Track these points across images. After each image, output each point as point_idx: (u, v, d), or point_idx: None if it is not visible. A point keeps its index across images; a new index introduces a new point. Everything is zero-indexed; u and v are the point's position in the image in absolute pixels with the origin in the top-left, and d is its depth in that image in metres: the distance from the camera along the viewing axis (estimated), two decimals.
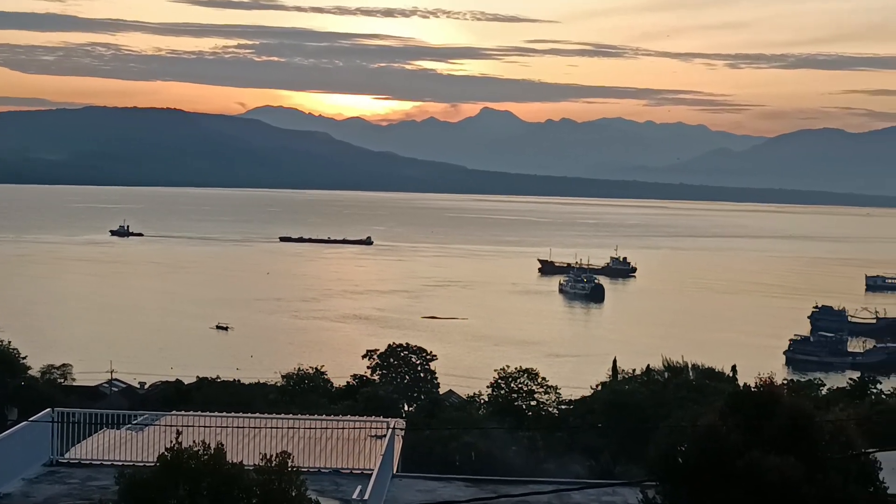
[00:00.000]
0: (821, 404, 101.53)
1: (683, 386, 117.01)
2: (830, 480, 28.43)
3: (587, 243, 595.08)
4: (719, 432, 29.48)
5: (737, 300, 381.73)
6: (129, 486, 30.66)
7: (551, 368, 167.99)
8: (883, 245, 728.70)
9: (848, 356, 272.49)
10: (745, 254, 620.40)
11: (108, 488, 36.92)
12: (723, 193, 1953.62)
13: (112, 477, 33.09)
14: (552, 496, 44.04)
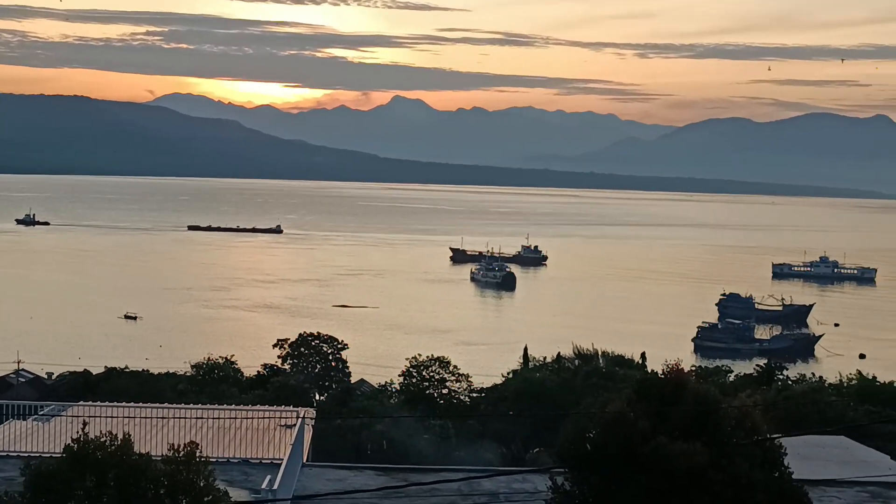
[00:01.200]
0: (728, 390, 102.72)
1: (593, 373, 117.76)
2: (736, 466, 28.77)
3: (499, 232, 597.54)
4: (627, 419, 29.72)
5: (647, 288, 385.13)
6: (35, 478, 30.26)
7: (463, 356, 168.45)
8: (789, 233, 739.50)
9: (755, 343, 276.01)
10: (655, 242, 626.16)
11: (13, 480, 36.40)
12: (632, 182, 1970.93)
13: (18, 468, 32.65)
14: (462, 484, 44.18)
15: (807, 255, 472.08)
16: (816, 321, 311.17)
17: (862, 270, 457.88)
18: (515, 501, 42.50)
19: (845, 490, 49.26)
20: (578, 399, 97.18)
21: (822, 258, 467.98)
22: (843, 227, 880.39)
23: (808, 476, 40.68)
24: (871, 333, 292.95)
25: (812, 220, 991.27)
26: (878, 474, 50.59)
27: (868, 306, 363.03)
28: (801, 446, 54.13)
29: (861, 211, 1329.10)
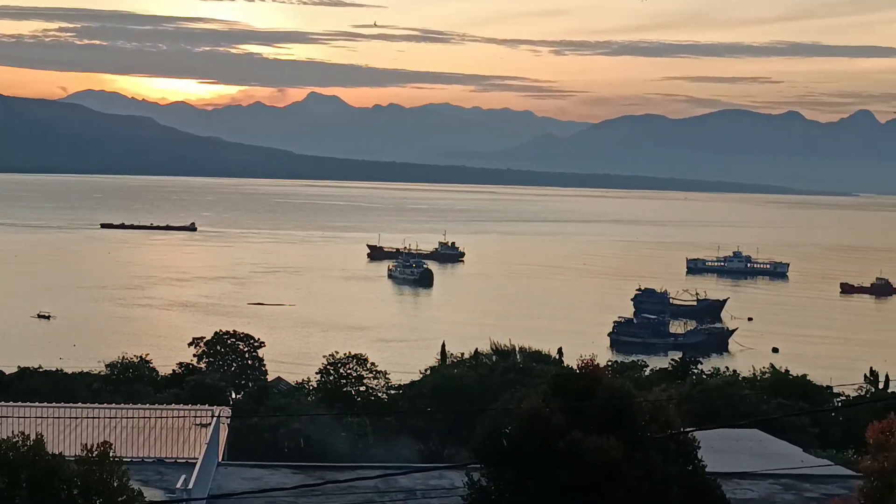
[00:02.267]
0: (643, 385, 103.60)
1: (511, 369, 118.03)
2: (650, 460, 29.01)
3: (416, 229, 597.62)
4: (542, 414, 29.83)
5: (564, 283, 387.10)
6: None
7: (380, 353, 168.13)
8: (703, 228, 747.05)
9: (670, 337, 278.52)
10: (573, 238, 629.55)
11: None
12: (549, 178, 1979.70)
13: None
14: (379, 481, 44.15)
15: (720, 250, 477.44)
16: (730, 315, 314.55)
17: (774, 265, 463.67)
18: (432, 498, 42.54)
19: (758, 482, 49.86)
20: (496, 395, 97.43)
21: (735, 253, 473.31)
22: (756, 222, 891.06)
23: (721, 469, 41.11)
24: (784, 327, 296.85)
25: (725, 216, 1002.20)
26: (791, 466, 51.29)
27: (781, 301, 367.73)
28: (715, 440, 54.73)
29: (773, 206, 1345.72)
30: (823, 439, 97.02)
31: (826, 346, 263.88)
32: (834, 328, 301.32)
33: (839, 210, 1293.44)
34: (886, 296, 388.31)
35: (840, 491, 41.65)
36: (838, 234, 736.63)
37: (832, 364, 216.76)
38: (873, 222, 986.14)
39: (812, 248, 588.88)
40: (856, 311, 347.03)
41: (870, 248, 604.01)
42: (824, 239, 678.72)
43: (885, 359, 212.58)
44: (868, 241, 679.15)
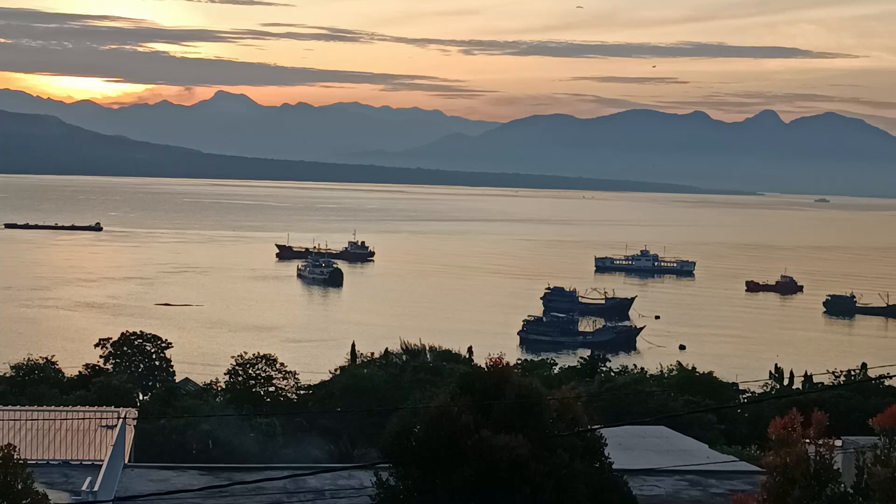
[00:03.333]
0: (552, 383, 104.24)
1: (421, 368, 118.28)
2: (557, 457, 29.19)
3: (326, 228, 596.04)
4: (450, 413, 29.91)
5: (474, 282, 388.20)
6: None
7: (290, 354, 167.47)
8: (611, 227, 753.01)
9: (579, 335, 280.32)
10: (482, 237, 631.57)
11: None
12: (459, 178, 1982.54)
13: None
14: (288, 482, 44.00)
15: (628, 249, 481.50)
16: (638, 314, 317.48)
17: (681, 264, 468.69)
18: (341, 498, 42.49)
19: (665, 479, 50.37)
20: (406, 394, 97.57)
21: (642, 252, 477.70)
22: (663, 221, 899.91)
23: (628, 466, 41.49)
24: (691, 325, 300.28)
25: (633, 215, 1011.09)
26: (697, 462, 51.85)
27: (687, 299, 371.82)
28: (622, 436, 55.24)
29: (680, 205, 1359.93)
30: (729, 435, 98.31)
31: (732, 344, 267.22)
32: (740, 326, 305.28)
33: (744, 209, 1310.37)
34: (791, 293, 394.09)
35: (745, 486, 42.21)
36: (744, 233, 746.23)
37: (738, 361, 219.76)
38: (778, 221, 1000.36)
39: (718, 247, 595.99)
40: (761, 309, 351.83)
41: (775, 247, 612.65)
42: (730, 237, 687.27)
43: (789, 355, 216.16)
44: (773, 239, 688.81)
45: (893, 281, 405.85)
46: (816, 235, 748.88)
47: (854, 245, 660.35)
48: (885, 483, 25.41)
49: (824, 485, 26.43)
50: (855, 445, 32.46)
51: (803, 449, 26.58)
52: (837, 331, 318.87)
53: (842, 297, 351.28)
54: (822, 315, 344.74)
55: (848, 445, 38.26)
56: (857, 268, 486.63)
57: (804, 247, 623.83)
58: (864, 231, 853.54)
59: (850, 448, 33.77)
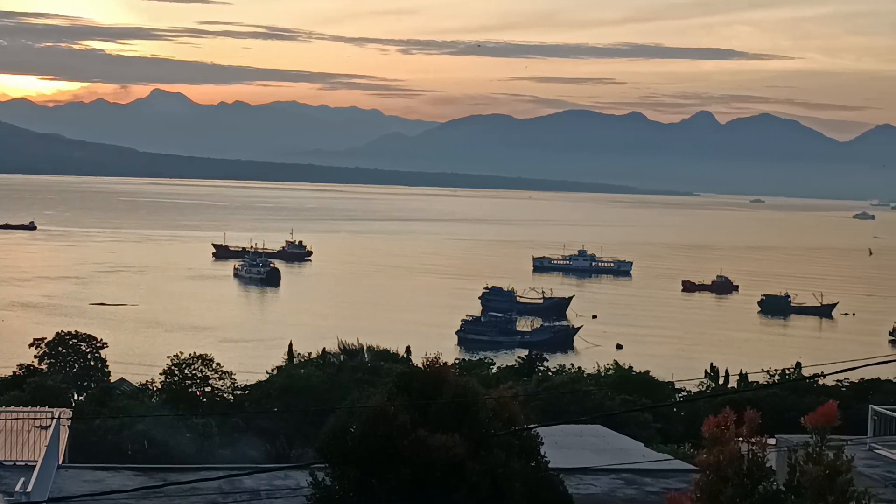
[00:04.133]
0: (490, 382, 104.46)
1: (359, 368, 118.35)
2: (494, 456, 29.26)
3: (264, 227, 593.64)
4: (387, 413, 29.90)
5: (413, 282, 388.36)
6: None
7: (226, 354, 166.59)
8: (549, 227, 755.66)
9: (517, 335, 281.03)
10: (421, 237, 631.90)
11: None
12: (397, 177, 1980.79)
13: None
14: (223, 482, 43.79)
15: (566, 249, 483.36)
16: (575, 313, 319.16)
17: (618, 264, 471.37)
18: (277, 498, 42.36)
19: (601, 477, 50.64)
20: (344, 394, 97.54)
21: (580, 252, 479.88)
22: (601, 221, 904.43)
23: (564, 465, 41.66)
24: (628, 325, 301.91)
25: (571, 215, 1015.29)
26: (633, 461, 52.16)
27: (624, 299, 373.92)
28: (559, 435, 55.47)
29: (617, 205, 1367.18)
30: (665, 434, 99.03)
31: (668, 343, 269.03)
32: (676, 325, 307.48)
33: (681, 209, 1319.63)
34: (726, 293, 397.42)
35: (680, 485, 42.45)
36: (680, 233, 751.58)
37: (674, 360, 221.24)
38: (714, 221, 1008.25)
39: (655, 247, 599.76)
40: (697, 309, 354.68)
41: (710, 247, 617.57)
42: (666, 238, 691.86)
43: (724, 355, 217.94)
44: (709, 239, 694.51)
45: (827, 281, 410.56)
46: (752, 235, 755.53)
47: (789, 245, 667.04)
48: (817, 481, 25.64)
49: (757, 483, 26.61)
50: (788, 444, 32.77)
51: (736, 447, 26.76)
52: (772, 330, 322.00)
53: (776, 297, 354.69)
54: (757, 314, 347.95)
55: (782, 444, 38.63)
56: (791, 268, 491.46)
57: (740, 247, 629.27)
58: (798, 231, 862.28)
59: (783, 446, 34.08)
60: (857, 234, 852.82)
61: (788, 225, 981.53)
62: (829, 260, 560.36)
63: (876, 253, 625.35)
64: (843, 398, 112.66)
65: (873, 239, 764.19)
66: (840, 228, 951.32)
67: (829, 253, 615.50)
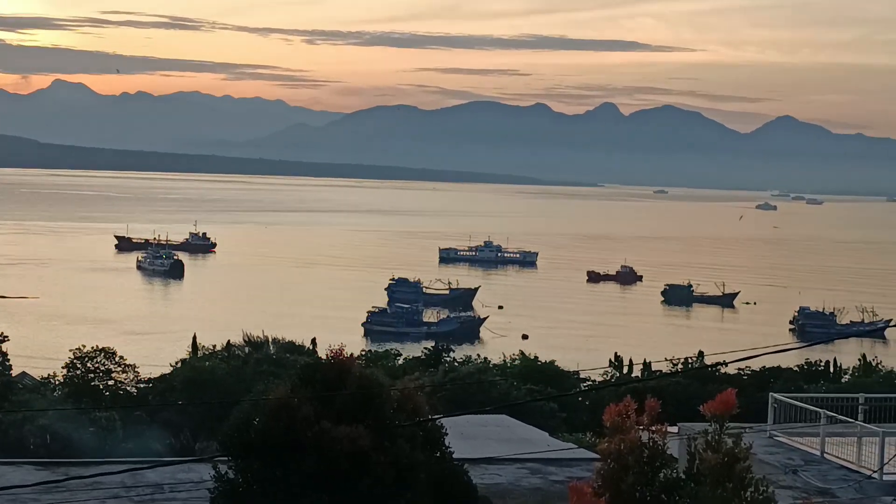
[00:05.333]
0: (396, 374, 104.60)
1: (264, 360, 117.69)
2: (398, 447, 29.32)
3: (167, 219, 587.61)
4: (291, 405, 29.82)
5: (319, 274, 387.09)
6: None
7: (130, 347, 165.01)
8: (455, 218, 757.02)
9: (423, 326, 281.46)
10: (328, 228, 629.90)
11: None
12: (303, 168, 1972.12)
13: None
14: (126, 476, 43.38)
15: (472, 239, 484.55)
16: (482, 304, 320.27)
17: (524, 254, 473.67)
18: (180, 492, 42.09)
19: (506, 467, 50.90)
20: (249, 387, 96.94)
21: (486, 243, 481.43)
22: (506, 212, 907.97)
23: (469, 455, 41.81)
24: (534, 315, 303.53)
25: (477, 206, 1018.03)
26: (537, 451, 52.49)
27: (530, 289, 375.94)
28: (464, 426, 55.67)
29: (522, 196, 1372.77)
30: (571, 423, 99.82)
31: (574, 333, 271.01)
32: (581, 315, 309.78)
33: (586, 200, 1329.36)
34: (631, 283, 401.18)
35: (584, 474, 42.85)
36: (585, 224, 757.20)
37: (579, 350, 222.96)
38: (617, 212, 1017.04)
39: (560, 238, 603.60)
40: (602, 298, 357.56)
41: (615, 238, 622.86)
42: (571, 228, 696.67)
43: (629, 344, 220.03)
44: (613, 230, 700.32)
45: (729, 270, 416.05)
46: (655, 226, 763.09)
47: (691, 235, 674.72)
48: (716, 468, 26.08)
49: (657, 470, 27.01)
50: (690, 432, 33.20)
51: (637, 436, 27.13)
52: (675, 319, 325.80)
53: (679, 287, 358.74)
54: (661, 304, 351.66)
55: (684, 432, 39.16)
56: (694, 257, 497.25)
57: (644, 237, 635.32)
58: (700, 221, 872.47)
59: (685, 434, 34.52)
60: (760, 223, 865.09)
61: (691, 215, 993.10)
62: (731, 250, 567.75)
63: (776, 242, 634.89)
64: (744, 386, 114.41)
65: (772, 229, 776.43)
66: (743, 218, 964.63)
67: (732, 242, 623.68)
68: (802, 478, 49.69)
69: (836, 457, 52.92)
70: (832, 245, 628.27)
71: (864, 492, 47.50)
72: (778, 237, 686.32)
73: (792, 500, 41.85)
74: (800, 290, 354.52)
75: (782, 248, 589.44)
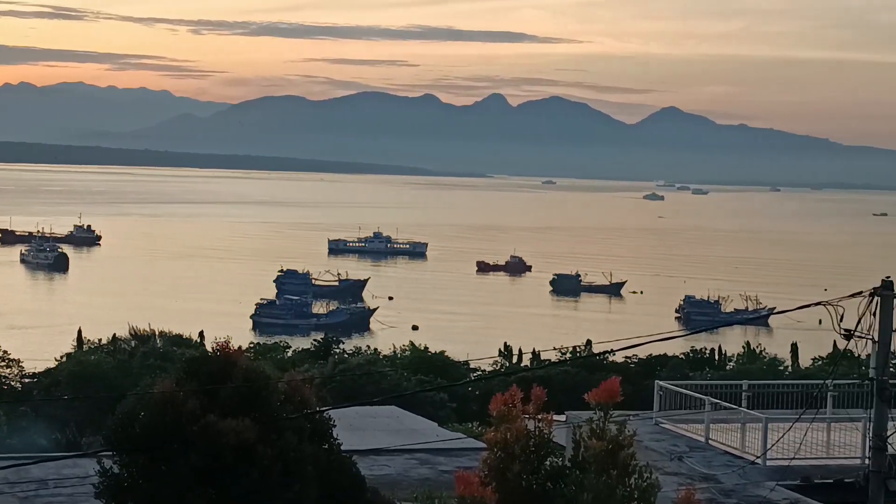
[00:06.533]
0: (286, 366, 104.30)
1: (151, 354, 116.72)
2: (285, 440, 29.21)
3: (51, 211, 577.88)
4: (176, 398, 29.56)
5: (207, 266, 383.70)
6: None
7: (13, 341, 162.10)
8: (345, 209, 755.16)
9: (312, 318, 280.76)
10: (216, 219, 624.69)
11: None
12: (189, 159, 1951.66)
13: None
14: (9, 472, 42.70)
15: (361, 230, 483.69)
16: (371, 295, 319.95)
17: (414, 245, 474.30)
18: (65, 487, 41.56)
19: (395, 458, 51.04)
20: (135, 381, 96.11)
21: (375, 234, 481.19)
22: (396, 203, 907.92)
23: (358, 447, 41.84)
24: (424, 306, 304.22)
25: (366, 197, 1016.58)
26: (426, 441, 52.68)
27: (420, 280, 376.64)
28: (353, 417, 55.78)
29: (412, 187, 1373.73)
30: (461, 413, 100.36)
31: (464, 323, 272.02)
32: (471, 305, 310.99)
33: (474, 191, 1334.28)
34: (520, 273, 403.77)
35: (473, 463, 43.04)
36: (474, 215, 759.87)
37: (469, 340, 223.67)
38: (506, 203, 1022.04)
39: (449, 228, 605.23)
40: (491, 289, 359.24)
41: (504, 228, 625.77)
42: (461, 219, 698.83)
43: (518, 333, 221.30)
44: (502, 221, 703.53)
45: (616, 260, 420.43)
46: (544, 216, 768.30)
47: (579, 225, 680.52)
48: (600, 455, 26.38)
49: (543, 458, 27.27)
50: (577, 420, 33.54)
51: (523, 424, 27.35)
52: (564, 309, 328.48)
53: (567, 276, 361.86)
54: (549, 294, 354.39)
55: (571, 420, 39.54)
56: (582, 247, 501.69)
57: (533, 228, 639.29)
58: (588, 212, 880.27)
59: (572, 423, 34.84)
60: (647, 214, 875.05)
61: (579, 206, 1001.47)
62: (618, 239, 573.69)
63: (661, 232, 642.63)
64: (632, 374, 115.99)
65: (658, 219, 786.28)
66: (630, 209, 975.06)
67: (619, 232, 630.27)
68: (687, 464, 50.46)
69: (720, 443, 53.81)
70: (716, 234, 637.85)
71: (747, 477, 48.34)
72: (663, 227, 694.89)
73: (677, 486, 42.42)
74: (685, 279, 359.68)
75: (668, 238, 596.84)
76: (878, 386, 31.34)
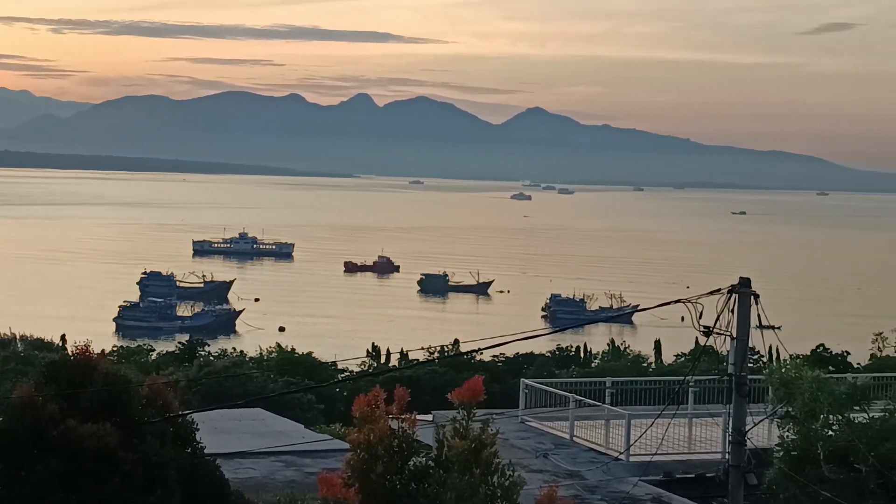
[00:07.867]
0: (149, 369, 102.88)
1: (11, 358, 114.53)
2: (146, 444, 28.90)
3: None
4: (35, 403, 29.07)
5: (69, 268, 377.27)
6: None
7: None
8: (209, 210, 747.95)
9: (177, 320, 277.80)
10: (77, 221, 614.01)
11: None
12: (50, 160, 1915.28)
13: None
14: None
15: (226, 231, 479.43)
16: (237, 296, 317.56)
17: (280, 246, 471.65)
18: None
19: (260, 460, 50.80)
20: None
21: (241, 235, 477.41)
22: (261, 203, 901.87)
23: (222, 450, 41.55)
24: (290, 307, 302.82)
25: (231, 197, 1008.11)
26: (292, 443, 52.55)
27: (287, 281, 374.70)
28: (218, 420, 55.38)
29: (277, 187, 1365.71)
30: (328, 414, 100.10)
31: (331, 324, 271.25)
32: (339, 306, 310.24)
33: (341, 191, 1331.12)
34: (388, 273, 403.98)
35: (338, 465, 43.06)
36: (341, 215, 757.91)
37: (337, 341, 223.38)
38: (373, 202, 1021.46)
39: (316, 229, 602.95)
40: (359, 289, 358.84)
41: (372, 228, 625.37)
42: (328, 219, 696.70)
43: (386, 334, 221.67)
44: (370, 221, 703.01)
45: (483, 259, 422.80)
46: (412, 216, 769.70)
47: (446, 225, 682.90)
48: (463, 454, 26.56)
49: (407, 459, 27.35)
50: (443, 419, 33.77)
51: (386, 425, 27.42)
52: (432, 308, 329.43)
53: (435, 276, 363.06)
54: (417, 294, 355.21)
55: (437, 419, 39.73)
56: (449, 247, 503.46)
57: (401, 227, 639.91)
58: (454, 211, 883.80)
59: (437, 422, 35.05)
60: (514, 213, 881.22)
61: (445, 205, 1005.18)
62: (485, 239, 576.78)
63: (527, 231, 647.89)
64: (499, 373, 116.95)
65: (523, 218, 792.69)
66: (497, 208, 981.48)
67: (486, 232, 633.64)
68: (552, 461, 51.09)
69: (584, 440, 54.58)
70: (581, 233, 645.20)
71: (611, 473, 49.07)
72: (529, 226, 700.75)
73: (542, 483, 42.90)
74: (551, 278, 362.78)
75: (534, 237, 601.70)
76: (737, 381, 32.02)
